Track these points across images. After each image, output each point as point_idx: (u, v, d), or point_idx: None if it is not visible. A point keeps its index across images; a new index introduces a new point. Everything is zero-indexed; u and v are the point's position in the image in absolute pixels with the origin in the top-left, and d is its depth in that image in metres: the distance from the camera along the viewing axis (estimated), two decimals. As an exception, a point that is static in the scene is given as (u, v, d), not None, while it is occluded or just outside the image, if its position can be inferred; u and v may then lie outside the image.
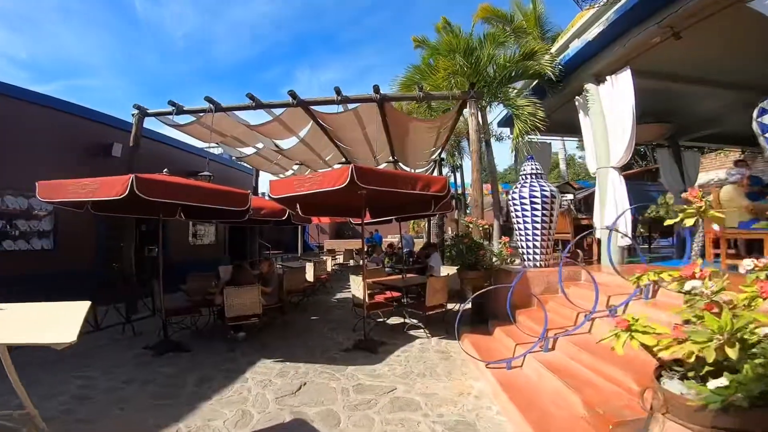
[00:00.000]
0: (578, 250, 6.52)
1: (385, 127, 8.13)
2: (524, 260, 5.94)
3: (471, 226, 6.41)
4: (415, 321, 6.27)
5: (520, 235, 5.93)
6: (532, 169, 5.93)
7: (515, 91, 7.61)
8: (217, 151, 14.66)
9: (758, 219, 4.87)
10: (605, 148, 6.17)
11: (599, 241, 7.10)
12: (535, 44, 7.09)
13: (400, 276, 7.16)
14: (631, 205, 5.93)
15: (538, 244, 5.77)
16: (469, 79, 7.16)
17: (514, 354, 4.00)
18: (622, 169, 6.20)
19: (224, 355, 5.03)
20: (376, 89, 6.82)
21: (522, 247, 5.97)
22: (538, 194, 5.67)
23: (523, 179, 5.97)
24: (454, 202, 12.16)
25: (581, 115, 6.70)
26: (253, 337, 5.74)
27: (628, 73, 5.62)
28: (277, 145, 9.87)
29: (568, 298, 4.04)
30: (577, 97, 6.70)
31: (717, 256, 5.53)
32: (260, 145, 10.03)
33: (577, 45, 6.26)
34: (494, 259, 5.99)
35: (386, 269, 9.02)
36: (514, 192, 5.95)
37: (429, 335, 5.67)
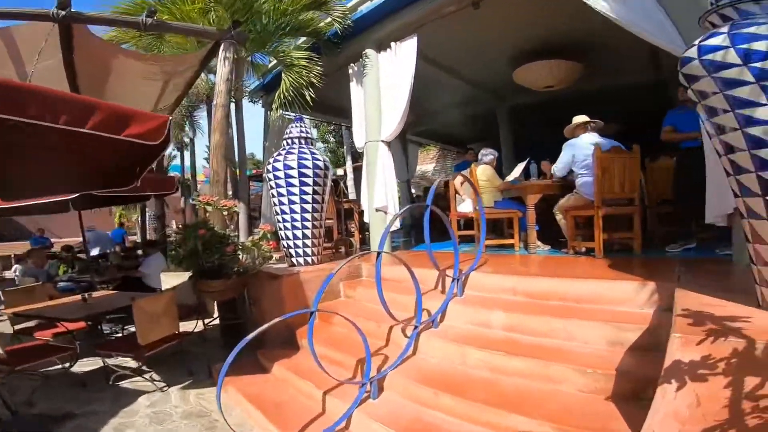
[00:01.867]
0: (350, 239, 5.53)
1: (71, 68, 4.66)
2: (291, 256, 4.38)
3: (210, 209, 4.30)
4: (129, 362, 3.62)
5: (285, 221, 4.31)
6: (300, 132, 4.41)
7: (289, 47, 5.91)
8: None
9: (504, 198, 5.08)
10: (377, 121, 5.37)
11: (361, 227, 6.41)
12: None
13: (81, 297, 4.17)
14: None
15: (309, 233, 4.32)
16: (235, 15, 4.88)
17: (324, 408, 2.41)
18: (387, 145, 5.57)
19: None
20: (63, 3, 3.61)
21: (287, 238, 4.37)
22: (309, 164, 4.20)
23: (288, 144, 4.37)
24: (180, 188, 9.22)
25: (353, 84, 5.73)
26: None
27: (414, 41, 4.93)
28: None
29: (388, 311, 2.70)
30: (352, 64, 5.67)
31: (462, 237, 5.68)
32: None
33: (369, 5, 5.20)
34: (246, 257, 4.15)
35: (59, 285, 5.53)
36: (276, 161, 4.26)
37: (162, 385, 3.26)
